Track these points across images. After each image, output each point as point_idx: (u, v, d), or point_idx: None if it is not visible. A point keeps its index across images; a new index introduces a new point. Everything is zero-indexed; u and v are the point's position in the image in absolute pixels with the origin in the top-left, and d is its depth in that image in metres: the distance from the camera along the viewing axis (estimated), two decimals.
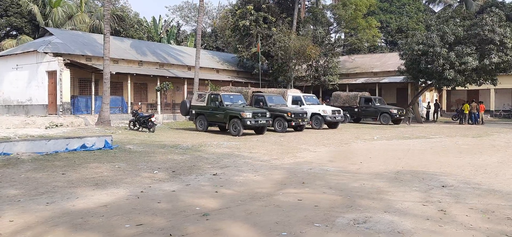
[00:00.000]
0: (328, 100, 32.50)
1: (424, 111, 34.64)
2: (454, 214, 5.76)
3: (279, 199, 6.57)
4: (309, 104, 23.51)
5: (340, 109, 24.25)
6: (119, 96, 26.62)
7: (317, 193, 6.99)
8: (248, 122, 17.96)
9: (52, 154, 10.86)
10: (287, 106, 22.23)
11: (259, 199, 6.53)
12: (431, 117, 33.52)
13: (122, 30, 36.67)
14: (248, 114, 18.05)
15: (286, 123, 20.20)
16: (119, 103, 26.37)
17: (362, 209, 5.98)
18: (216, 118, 19.27)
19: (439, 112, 33.63)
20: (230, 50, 41.60)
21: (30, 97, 24.46)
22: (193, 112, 20.18)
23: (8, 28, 34.11)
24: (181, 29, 50.35)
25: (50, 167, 8.98)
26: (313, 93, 37.21)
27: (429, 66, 27.84)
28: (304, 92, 36.72)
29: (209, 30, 48.68)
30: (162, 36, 43.32)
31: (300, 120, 20.65)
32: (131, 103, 26.55)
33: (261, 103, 21.26)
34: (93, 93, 24.43)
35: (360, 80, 36.71)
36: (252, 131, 19.46)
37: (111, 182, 7.63)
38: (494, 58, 26.42)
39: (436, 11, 45.28)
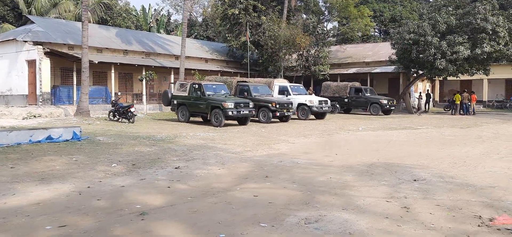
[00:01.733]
0: (313, 90, 31.96)
1: (416, 102, 34.15)
2: (418, 212, 5.28)
3: (234, 195, 6.08)
4: (296, 94, 22.99)
5: (327, 99, 23.76)
6: (103, 86, 26.03)
7: (277, 188, 6.50)
8: (230, 113, 17.44)
9: (14, 146, 10.33)
10: (272, 96, 21.71)
11: (212, 195, 6.03)
12: (422, 108, 33.02)
13: (109, 19, 35.94)
14: (230, 105, 17.52)
15: (271, 114, 19.69)
16: (102, 93, 25.77)
17: (319, 206, 5.49)
18: (197, 109, 18.74)
19: (430, 102, 33.15)
20: (220, 40, 40.93)
21: (10, 87, 23.85)
22: (175, 102, 19.64)
23: None
24: (171, 18, 49.59)
25: (1, 160, 8.45)
26: (304, 84, 36.83)
27: (420, 55, 27.32)
28: (295, 82, 36.35)
29: (200, 19, 47.94)
30: (151, 25, 42.60)
31: (285, 111, 20.15)
32: (114, 93, 25.97)
33: (246, 93, 20.72)
34: (74, 83, 23.80)
35: (351, 70, 36.14)
36: (235, 122, 18.98)
37: (59, 176, 7.12)
38: (486, 47, 25.88)
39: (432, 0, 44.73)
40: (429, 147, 11.66)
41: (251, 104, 18.60)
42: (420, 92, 33.69)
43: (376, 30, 47.34)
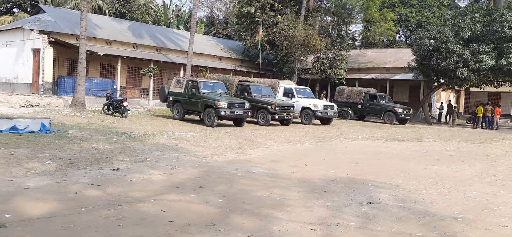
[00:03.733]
0: (326, 94, 30.82)
1: (437, 112, 32.39)
2: None
3: (139, 208, 5.29)
4: (301, 97, 21.97)
5: (333, 104, 22.64)
6: (110, 79, 25.77)
7: (199, 202, 5.67)
8: (223, 113, 16.62)
9: None
10: (275, 97, 20.78)
11: (114, 207, 5.26)
12: (443, 119, 31.27)
13: (127, 12, 35.87)
14: (223, 104, 16.71)
15: (269, 116, 18.79)
16: (109, 86, 25.48)
17: (224, 229, 4.63)
18: (192, 107, 18.05)
19: (454, 114, 31.24)
20: (237, 38, 40.24)
21: (16, 75, 23.94)
22: (171, 99, 19.04)
23: (9, 4, 33.86)
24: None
25: None
26: (321, 87, 35.66)
27: (442, 63, 25.73)
28: (310, 86, 35.26)
29: (221, 16, 47.37)
30: (171, 21, 42.36)
31: (285, 114, 19.19)
32: (120, 86, 25.71)
33: (246, 93, 19.90)
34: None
35: (371, 76, 34.68)
36: (231, 123, 18.20)
37: None
38: None
39: (462, 6, 42.49)
40: (418, 163, 10.50)
41: (247, 105, 17.74)
42: (441, 103, 31.88)
43: (402, 35, 45.46)
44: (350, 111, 27.53)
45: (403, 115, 26.21)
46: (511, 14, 24.67)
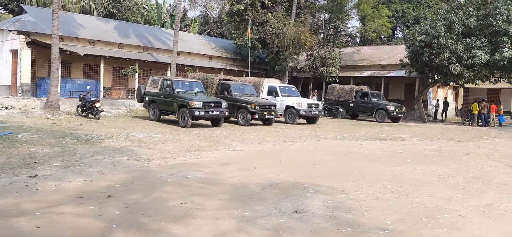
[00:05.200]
0: (316, 93, 30.06)
1: (433, 110, 31.44)
2: None
3: (13, 224, 4.66)
4: (285, 96, 21.26)
5: (318, 103, 21.90)
6: (93, 80, 25.24)
7: (89, 216, 5.05)
8: (197, 113, 15.96)
9: None
10: (257, 96, 20.12)
11: None
12: (439, 116, 30.36)
13: (117, 12, 35.38)
14: (197, 104, 16.06)
15: (249, 116, 18.12)
16: (92, 86, 24.93)
17: None
18: (167, 107, 17.43)
19: (448, 111, 30.37)
20: (229, 37, 39.60)
21: None
22: (147, 99, 18.45)
23: None
24: (188, 14, 48.68)
25: None
26: (316, 86, 34.87)
27: (435, 59, 24.85)
28: (303, 84, 34.56)
29: (216, 15, 46.71)
30: (165, 20, 41.82)
31: (266, 113, 18.51)
32: (104, 87, 25.20)
33: (226, 92, 19.27)
34: (60, 75, 23.07)
35: (365, 73, 33.88)
36: (208, 123, 17.57)
37: None
38: (507, 52, 23.11)
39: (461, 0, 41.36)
40: (385, 164, 9.77)
41: (223, 104, 17.08)
42: (437, 100, 30.98)
43: (399, 32, 44.50)
44: (341, 110, 26.75)
45: (395, 113, 25.39)
46: (505, 7, 23.73)
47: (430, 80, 28.19)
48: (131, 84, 27.50)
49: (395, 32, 44.87)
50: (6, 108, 19.00)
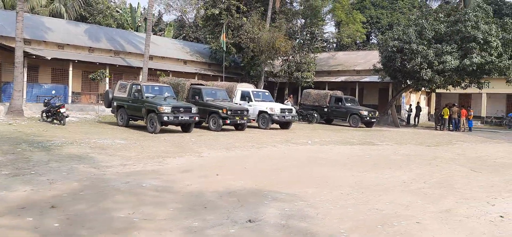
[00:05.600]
0: (291, 97, 30.02)
1: (406, 115, 31.82)
2: None
3: None
4: (258, 101, 21.10)
5: (292, 107, 21.77)
6: (62, 85, 24.60)
7: (23, 229, 4.74)
8: (165, 118, 15.63)
9: None
10: (230, 101, 19.90)
11: None
12: (412, 121, 30.73)
13: (89, 15, 34.66)
14: (166, 109, 15.73)
15: (221, 121, 17.87)
16: (61, 91, 24.28)
17: None
18: (135, 112, 17.03)
19: (420, 116, 30.79)
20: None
21: None
22: (115, 104, 18.00)
23: None
24: (163, 18, 48.17)
25: None
26: (292, 91, 34.83)
27: (407, 64, 25.10)
28: (278, 89, 34.51)
29: (192, 19, 46.32)
30: (139, 24, 41.27)
31: (237, 118, 18.30)
32: (72, 92, 24.57)
33: (197, 97, 19.02)
34: (25, 79, 22.38)
35: (340, 78, 34.06)
36: (178, 128, 17.26)
37: None
38: (476, 58, 23.54)
39: (434, 7, 42.18)
40: (349, 170, 9.68)
41: (194, 109, 16.79)
42: (410, 105, 31.36)
43: (374, 38, 45.03)
44: (315, 115, 26.76)
45: (368, 118, 25.52)
46: (474, 14, 24.21)
47: (403, 85, 28.50)
48: (102, 89, 26.86)
49: (370, 38, 45.36)
50: None
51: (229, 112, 17.99)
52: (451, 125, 26.64)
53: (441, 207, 6.62)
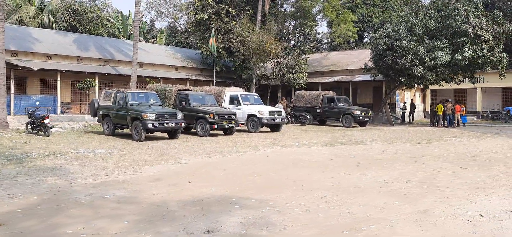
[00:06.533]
0: (283, 100, 29.76)
1: (400, 112, 31.48)
2: None
3: None
4: (247, 104, 20.81)
5: (281, 110, 21.48)
6: (51, 95, 24.31)
7: None
8: (150, 125, 15.32)
9: None
10: (217, 106, 19.59)
11: None
12: (406, 119, 30.42)
13: (78, 25, 34.43)
14: (151, 116, 15.44)
15: (208, 126, 17.57)
16: (50, 102, 24.02)
17: None
18: (121, 120, 16.72)
19: (414, 114, 30.47)
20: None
21: None
22: (100, 113, 17.72)
23: None
24: (155, 25, 47.94)
25: None
26: (283, 93, 34.57)
27: (398, 62, 24.82)
28: (271, 91, 34.22)
29: (183, 26, 46.08)
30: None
31: (225, 122, 18.00)
32: (62, 102, 24.28)
33: (184, 103, 18.74)
34: (12, 91, 22.13)
35: (334, 79, 33.79)
36: (165, 135, 16.97)
37: None
38: (467, 52, 23.27)
39: (426, 4, 41.88)
40: (330, 172, 9.36)
41: (179, 115, 16.49)
42: (404, 102, 31.07)
43: (366, 37, 44.76)
44: (308, 116, 26.48)
45: (361, 117, 25.24)
46: (464, 8, 23.94)
47: (396, 83, 28.20)
48: (92, 98, 26.59)
49: (363, 37, 45.09)
50: None
51: (216, 117, 17.69)
52: (445, 121, 26.33)
53: (417, 208, 6.31)
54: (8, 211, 5.85)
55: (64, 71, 23.67)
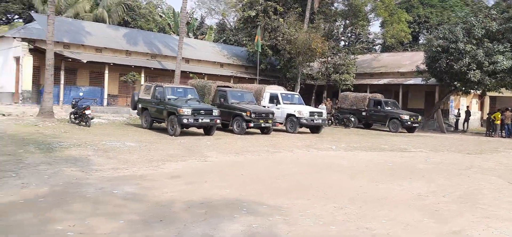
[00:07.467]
0: (328, 100, 28.83)
1: (454, 120, 29.54)
2: None
3: None
4: (287, 104, 20.23)
5: (322, 111, 20.68)
6: (99, 87, 25.05)
7: None
8: (185, 120, 15.19)
9: None
10: (255, 104, 19.17)
11: None
12: (460, 127, 28.51)
13: (131, 20, 35.37)
14: (187, 111, 15.30)
15: (244, 124, 17.20)
16: (97, 94, 24.74)
17: None
18: (158, 114, 16.76)
19: (469, 121, 28.46)
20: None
21: (2, 84, 23.63)
22: (140, 106, 17.88)
23: (11, 15, 34.18)
24: (205, 21, 48.41)
25: None
26: (329, 94, 33.59)
27: (453, 65, 23.24)
28: (316, 92, 33.37)
29: (232, 23, 46.16)
30: None
31: (262, 121, 17.54)
32: (108, 94, 24.94)
33: (222, 99, 18.50)
34: (62, 82, 22.99)
35: (383, 81, 32.33)
36: (201, 131, 16.81)
37: None
38: None
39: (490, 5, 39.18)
40: (362, 179, 8.66)
41: (215, 112, 16.24)
42: (458, 110, 29.12)
43: (422, 38, 42.57)
44: (352, 119, 25.44)
45: (409, 123, 23.85)
46: None
47: (450, 87, 26.47)
48: (133, 92, 27.14)
49: (418, 38, 42.98)
50: (3, 115, 18.84)
51: (253, 115, 17.25)
52: (503, 131, 24.33)
53: (449, 228, 5.55)
54: (11, 201, 5.77)
55: (111, 64, 24.27)
